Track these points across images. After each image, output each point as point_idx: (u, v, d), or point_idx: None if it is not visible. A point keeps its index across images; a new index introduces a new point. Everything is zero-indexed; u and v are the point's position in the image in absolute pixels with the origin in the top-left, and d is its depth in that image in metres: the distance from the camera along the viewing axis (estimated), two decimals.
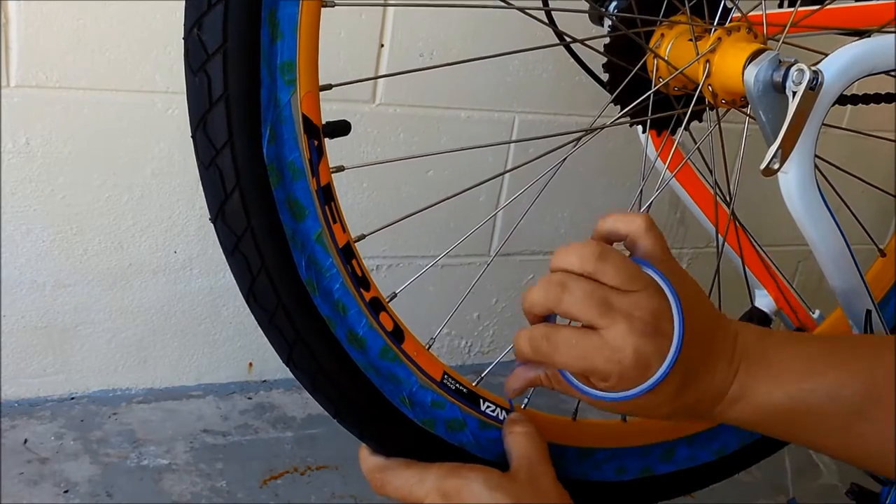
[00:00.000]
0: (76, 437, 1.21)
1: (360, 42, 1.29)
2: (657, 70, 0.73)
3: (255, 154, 0.50)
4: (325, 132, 0.54)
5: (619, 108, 0.75)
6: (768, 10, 0.69)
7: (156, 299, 1.31)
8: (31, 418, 1.24)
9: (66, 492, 1.10)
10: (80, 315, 1.27)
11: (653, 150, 0.81)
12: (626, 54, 0.73)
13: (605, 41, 0.74)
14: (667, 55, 0.71)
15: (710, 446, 0.75)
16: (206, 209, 0.52)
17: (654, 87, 0.72)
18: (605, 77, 0.77)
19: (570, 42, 0.77)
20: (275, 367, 1.38)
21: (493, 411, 0.63)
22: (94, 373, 1.31)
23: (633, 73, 0.72)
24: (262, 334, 0.56)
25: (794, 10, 0.70)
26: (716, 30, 0.67)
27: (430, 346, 0.62)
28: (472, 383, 0.64)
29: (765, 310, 0.84)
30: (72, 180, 1.19)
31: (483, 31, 1.34)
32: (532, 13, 0.68)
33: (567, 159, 0.70)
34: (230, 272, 0.54)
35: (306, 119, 0.52)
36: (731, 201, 0.77)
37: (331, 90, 0.54)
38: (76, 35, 1.13)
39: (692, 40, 0.68)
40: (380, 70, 1.31)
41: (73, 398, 1.30)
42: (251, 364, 1.42)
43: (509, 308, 1.56)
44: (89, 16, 1.12)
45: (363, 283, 0.56)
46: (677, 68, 0.69)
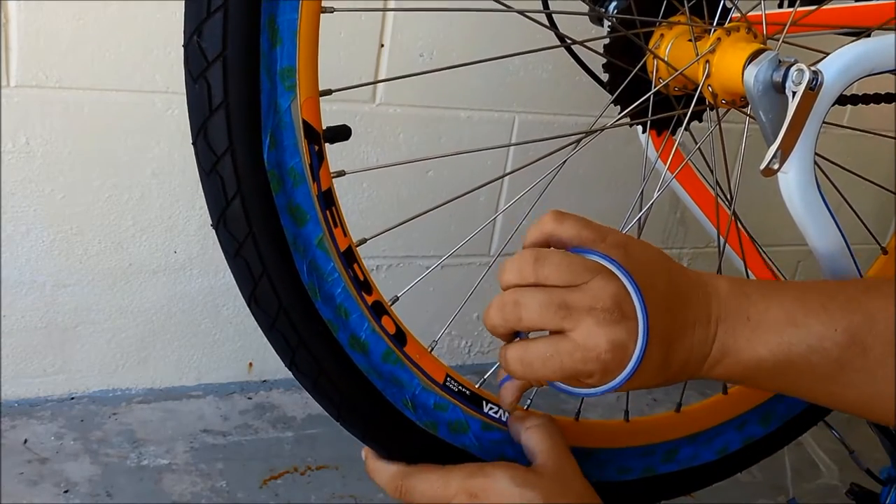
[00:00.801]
0: (76, 437, 1.21)
1: (360, 42, 1.29)
2: (657, 70, 0.72)
3: (255, 161, 0.50)
4: (326, 137, 0.54)
5: (619, 109, 0.74)
6: (767, 10, 0.69)
7: (156, 299, 1.31)
8: (31, 418, 1.24)
9: (66, 492, 1.10)
10: (80, 315, 1.27)
11: (653, 150, 0.81)
12: (625, 55, 0.73)
13: (605, 42, 0.74)
14: (666, 55, 0.71)
15: (712, 445, 0.75)
16: (206, 209, 0.52)
17: (654, 89, 0.72)
18: (605, 77, 0.77)
19: (570, 44, 0.77)
20: (275, 367, 1.38)
21: (496, 413, 0.63)
22: (94, 373, 1.31)
23: (632, 73, 0.72)
24: (263, 334, 0.56)
25: (793, 10, 0.70)
26: (715, 30, 0.66)
27: (432, 349, 0.62)
28: (475, 385, 0.64)
29: None
30: (72, 180, 1.19)
31: (483, 31, 1.34)
32: (532, 16, 0.68)
33: (567, 160, 0.70)
34: (230, 272, 0.54)
35: (307, 124, 0.52)
36: (732, 201, 0.77)
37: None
38: (76, 35, 1.13)
39: (692, 41, 0.68)
40: (380, 70, 1.31)
41: (73, 398, 1.30)
42: (251, 364, 1.42)
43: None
44: (89, 16, 1.12)
45: (365, 287, 0.56)
46: (677, 69, 0.69)
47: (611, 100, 0.75)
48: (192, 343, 1.36)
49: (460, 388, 0.62)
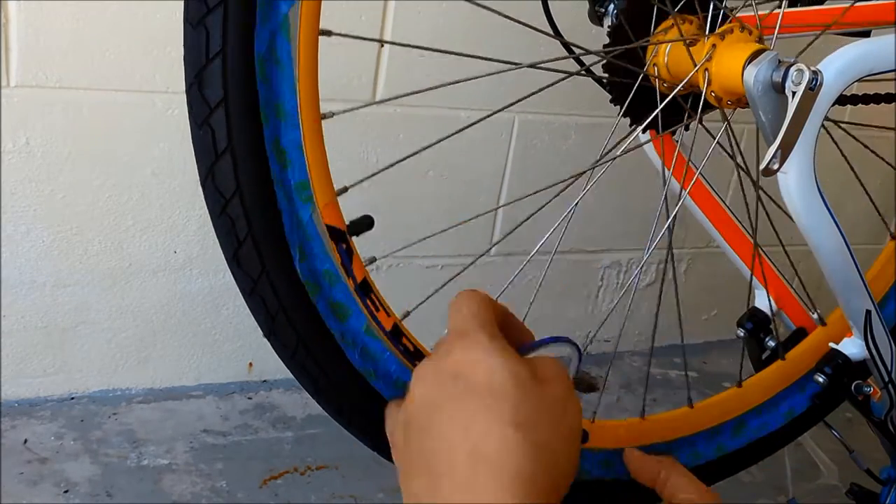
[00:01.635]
0: (76, 437, 1.21)
1: (360, 42, 1.29)
2: (658, 75, 0.72)
3: (290, 278, 0.51)
4: (351, 233, 0.55)
5: (621, 111, 0.74)
6: (759, 10, 0.68)
7: (156, 299, 1.31)
8: (31, 418, 1.24)
9: (66, 492, 1.10)
10: (80, 315, 1.27)
11: (656, 155, 0.81)
12: (628, 64, 0.72)
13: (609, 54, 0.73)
14: (665, 60, 0.70)
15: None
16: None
17: (660, 104, 0.70)
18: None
19: (579, 55, 0.77)
20: (275, 367, 1.38)
21: None
22: (94, 373, 1.31)
23: (636, 86, 0.71)
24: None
25: (792, 10, 0.70)
26: (709, 38, 0.66)
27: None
28: None
29: (765, 310, 0.84)
30: (72, 180, 1.19)
31: (484, 31, 1.34)
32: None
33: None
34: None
35: (331, 228, 0.53)
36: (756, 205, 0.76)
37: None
38: (76, 35, 1.13)
39: (686, 47, 0.68)
40: (380, 70, 1.31)
41: (73, 398, 1.30)
42: (251, 364, 1.42)
43: (508, 308, 1.56)
44: (89, 16, 1.12)
45: (417, 356, 0.58)
46: (678, 79, 0.68)
47: (620, 113, 0.74)
48: (192, 343, 1.36)
49: None
